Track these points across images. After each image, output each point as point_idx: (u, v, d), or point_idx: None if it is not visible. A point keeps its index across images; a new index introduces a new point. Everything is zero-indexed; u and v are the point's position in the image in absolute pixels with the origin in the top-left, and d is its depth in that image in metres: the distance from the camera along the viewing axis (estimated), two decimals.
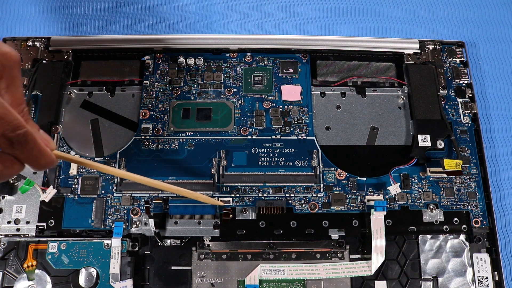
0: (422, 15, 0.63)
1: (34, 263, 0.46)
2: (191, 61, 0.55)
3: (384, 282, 0.47)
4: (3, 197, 0.48)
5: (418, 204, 0.49)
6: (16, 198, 0.49)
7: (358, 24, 0.63)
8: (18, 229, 0.47)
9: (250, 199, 0.49)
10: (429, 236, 0.49)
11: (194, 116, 0.52)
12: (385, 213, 0.47)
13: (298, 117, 0.53)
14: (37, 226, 0.47)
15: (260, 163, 0.50)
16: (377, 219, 0.47)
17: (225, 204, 0.48)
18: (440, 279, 0.47)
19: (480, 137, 0.53)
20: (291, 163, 0.50)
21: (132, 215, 0.48)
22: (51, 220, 0.47)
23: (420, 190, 0.50)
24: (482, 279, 0.47)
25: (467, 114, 0.54)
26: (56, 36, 0.56)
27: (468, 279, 0.47)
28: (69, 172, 0.49)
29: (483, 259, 0.48)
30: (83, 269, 0.46)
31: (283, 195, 0.49)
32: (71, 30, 0.61)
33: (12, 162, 0.31)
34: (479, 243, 0.49)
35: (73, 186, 0.49)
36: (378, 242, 0.46)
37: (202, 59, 0.55)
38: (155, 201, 0.48)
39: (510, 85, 0.59)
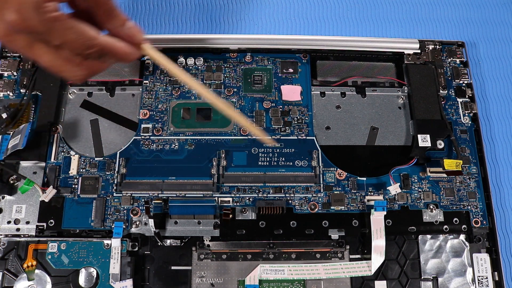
0: (422, 15, 0.63)
1: (34, 263, 0.46)
2: (191, 61, 0.55)
3: (384, 282, 0.47)
4: (3, 197, 0.48)
5: (418, 204, 0.49)
6: (16, 198, 0.49)
7: (358, 24, 0.63)
8: (18, 229, 0.47)
9: (250, 199, 0.49)
10: (429, 236, 0.49)
11: (194, 116, 0.52)
12: (385, 213, 0.47)
13: (298, 117, 0.53)
14: (37, 226, 0.47)
15: (260, 163, 0.50)
16: (377, 219, 0.47)
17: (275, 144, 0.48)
18: (440, 279, 0.47)
19: (480, 137, 0.53)
20: (291, 163, 0.50)
21: (132, 215, 0.48)
22: (51, 220, 0.47)
23: (420, 190, 0.50)
24: (482, 279, 0.47)
25: (467, 114, 0.54)
26: None
27: (468, 279, 0.47)
28: (69, 172, 0.49)
29: (483, 259, 0.48)
30: (83, 269, 0.46)
31: (283, 195, 0.49)
32: None
33: (97, 64, 0.37)
34: (479, 243, 0.49)
35: (73, 186, 0.49)
36: (378, 242, 0.46)
37: (202, 59, 0.55)
38: (155, 201, 0.48)
39: (510, 85, 0.59)
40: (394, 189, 0.48)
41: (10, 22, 0.31)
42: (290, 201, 0.49)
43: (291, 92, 0.54)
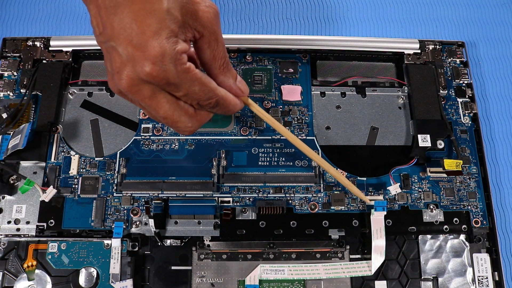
0: (422, 15, 0.63)
1: (34, 263, 0.46)
2: None
3: (384, 282, 0.47)
4: (3, 197, 0.48)
5: (418, 204, 0.49)
6: (16, 198, 0.49)
7: (358, 24, 0.63)
8: (18, 229, 0.47)
9: (250, 199, 0.49)
10: (429, 236, 0.49)
11: None
12: (385, 213, 0.47)
13: (298, 117, 0.53)
14: (37, 226, 0.47)
15: (260, 163, 0.50)
16: (377, 219, 0.47)
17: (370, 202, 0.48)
18: (440, 279, 0.47)
19: (480, 137, 0.53)
20: (291, 163, 0.50)
21: (132, 215, 0.48)
22: (51, 220, 0.47)
23: (420, 190, 0.50)
24: (482, 279, 0.47)
25: (467, 114, 0.54)
26: (56, 36, 0.56)
27: (468, 279, 0.47)
28: (69, 172, 0.49)
29: (483, 259, 0.48)
30: (83, 269, 0.46)
31: (283, 195, 0.49)
32: (71, 30, 0.61)
33: (207, 115, 0.39)
34: (479, 243, 0.49)
35: (73, 186, 0.49)
36: (378, 242, 0.46)
37: None
38: (155, 201, 0.48)
39: (510, 85, 0.59)
40: (394, 189, 0.48)
41: (146, 73, 0.32)
42: (290, 201, 0.49)
43: (291, 92, 0.54)
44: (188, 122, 0.37)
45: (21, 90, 0.52)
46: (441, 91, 0.54)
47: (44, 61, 0.54)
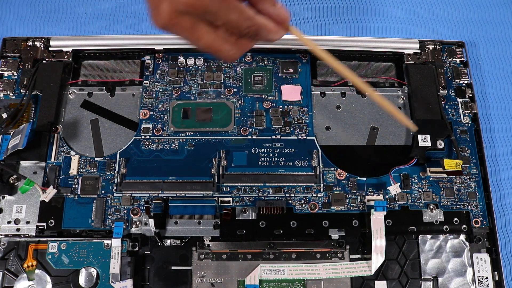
0: (422, 15, 0.63)
1: (34, 263, 0.46)
2: (191, 61, 0.55)
3: (384, 282, 0.47)
4: (3, 197, 0.48)
5: (418, 204, 0.49)
6: (16, 198, 0.49)
7: (358, 24, 0.63)
8: (18, 229, 0.47)
9: (250, 199, 0.49)
10: (429, 236, 0.49)
11: (194, 116, 0.52)
12: (385, 213, 0.47)
13: (298, 117, 0.53)
14: (37, 226, 0.47)
15: (260, 163, 0.50)
16: (377, 219, 0.47)
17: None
18: (440, 279, 0.47)
19: (480, 137, 0.53)
20: (291, 163, 0.50)
21: (132, 215, 0.48)
22: (51, 220, 0.47)
23: (420, 190, 0.50)
24: (482, 279, 0.47)
25: (467, 114, 0.54)
26: (56, 36, 0.56)
27: (468, 279, 0.47)
28: (69, 172, 0.49)
29: (483, 259, 0.48)
30: (83, 269, 0.46)
31: (283, 195, 0.49)
32: (71, 30, 0.61)
33: (248, 43, 0.39)
34: (479, 243, 0.49)
35: (73, 186, 0.49)
36: (378, 242, 0.46)
37: (202, 59, 0.55)
38: (155, 201, 0.48)
39: (510, 85, 0.59)
40: (394, 189, 0.48)
41: (183, 2, 0.34)
42: (290, 201, 0.49)
43: (291, 92, 0.54)
44: (230, 50, 0.38)
45: (21, 90, 0.52)
46: (441, 91, 0.54)
47: (44, 61, 0.54)
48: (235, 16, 0.35)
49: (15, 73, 0.53)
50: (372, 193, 0.50)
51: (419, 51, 0.56)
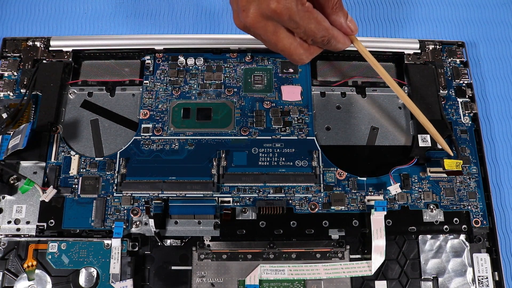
0: (422, 15, 0.63)
1: (34, 263, 0.46)
2: (191, 61, 0.55)
3: (384, 282, 0.47)
4: (3, 197, 0.48)
5: (418, 204, 0.49)
6: (16, 198, 0.49)
7: (359, 24, 0.63)
8: (18, 229, 0.47)
9: (250, 199, 0.49)
10: (429, 236, 0.49)
11: (194, 116, 0.52)
12: (385, 213, 0.47)
13: (298, 117, 0.53)
14: (37, 226, 0.47)
15: (260, 163, 0.50)
16: (377, 219, 0.47)
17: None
18: (440, 279, 0.47)
19: (480, 137, 0.53)
20: (291, 163, 0.50)
21: (132, 215, 0.48)
22: (51, 220, 0.47)
23: (420, 190, 0.50)
24: (482, 279, 0.47)
25: (467, 114, 0.54)
26: (56, 36, 0.56)
27: (468, 279, 0.47)
28: (69, 172, 0.49)
29: (483, 259, 0.48)
30: (83, 269, 0.46)
31: (283, 195, 0.49)
32: (71, 30, 0.61)
33: (318, 49, 0.44)
34: (479, 243, 0.49)
35: (73, 186, 0.49)
36: (378, 242, 0.46)
37: (202, 59, 0.55)
38: (155, 201, 0.48)
39: (510, 85, 0.59)
40: (394, 189, 0.48)
41: (271, 10, 0.37)
42: (290, 201, 0.49)
43: (291, 92, 0.54)
44: (302, 55, 0.42)
45: (21, 90, 0.52)
46: (441, 91, 0.54)
47: (44, 61, 0.54)
48: (314, 25, 0.39)
49: (15, 73, 0.53)
50: (372, 193, 0.50)
51: (419, 51, 0.56)
